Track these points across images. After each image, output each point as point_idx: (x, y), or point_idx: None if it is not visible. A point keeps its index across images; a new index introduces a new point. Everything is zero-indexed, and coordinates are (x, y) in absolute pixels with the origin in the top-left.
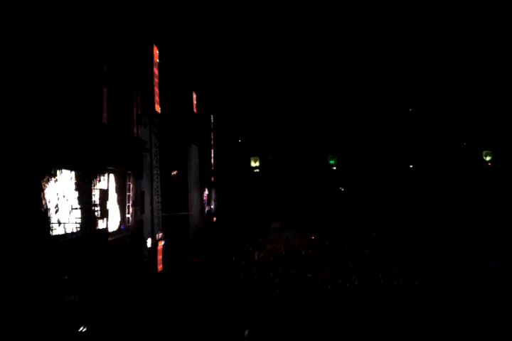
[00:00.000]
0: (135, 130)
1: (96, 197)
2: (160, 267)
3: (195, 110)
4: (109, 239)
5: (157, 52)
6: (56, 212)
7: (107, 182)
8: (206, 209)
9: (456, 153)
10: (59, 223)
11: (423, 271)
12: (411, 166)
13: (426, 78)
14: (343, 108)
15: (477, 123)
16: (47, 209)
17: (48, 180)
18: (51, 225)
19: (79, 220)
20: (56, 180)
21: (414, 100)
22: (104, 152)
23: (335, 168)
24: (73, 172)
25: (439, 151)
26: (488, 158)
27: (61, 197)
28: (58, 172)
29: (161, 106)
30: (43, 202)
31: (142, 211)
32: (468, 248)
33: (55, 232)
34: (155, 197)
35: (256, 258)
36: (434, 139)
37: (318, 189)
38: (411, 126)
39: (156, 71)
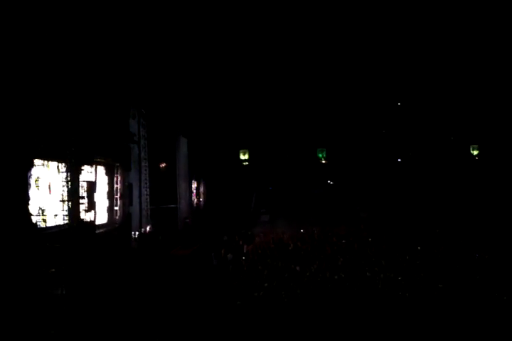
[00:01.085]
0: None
1: (83, 189)
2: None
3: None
4: (97, 231)
5: None
6: (42, 203)
7: (95, 174)
8: (195, 201)
9: (443, 147)
10: (45, 214)
11: (410, 264)
12: (399, 160)
13: (414, 73)
14: (332, 101)
15: (464, 118)
16: (30, 201)
17: (34, 172)
18: (37, 217)
19: (66, 212)
20: (42, 172)
21: (402, 94)
22: (91, 143)
23: (324, 161)
24: (60, 164)
25: (427, 145)
26: (475, 152)
27: (47, 189)
28: (45, 163)
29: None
30: (29, 193)
31: (130, 203)
32: (455, 241)
33: (41, 224)
34: (143, 190)
35: (245, 251)
36: (422, 133)
37: (307, 182)
38: (399, 120)
39: None
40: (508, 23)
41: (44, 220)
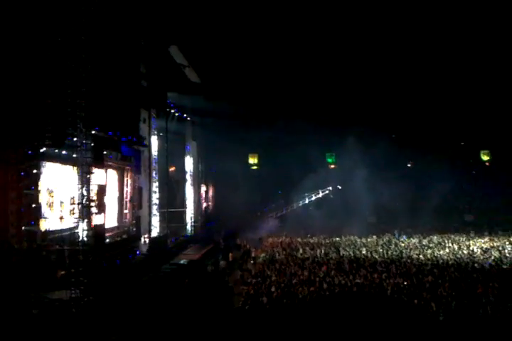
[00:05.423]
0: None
1: (93, 192)
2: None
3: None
4: (107, 234)
5: None
6: (52, 206)
7: (106, 177)
8: (203, 205)
9: (454, 153)
10: (55, 217)
11: (418, 270)
12: (409, 165)
13: (425, 79)
14: (342, 106)
15: (475, 123)
16: (41, 204)
17: (45, 175)
18: (46, 220)
19: (76, 215)
20: (54, 175)
21: (413, 99)
22: (102, 147)
23: (333, 165)
24: (72, 167)
25: (437, 151)
26: (486, 158)
27: (58, 192)
28: (56, 166)
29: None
30: (39, 196)
31: (140, 207)
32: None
33: (51, 227)
34: (152, 193)
35: (253, 255)
36: (433, 139)
37: (315, 186)
38: (410, 126)
39: None
40: None
41: (53, 223)
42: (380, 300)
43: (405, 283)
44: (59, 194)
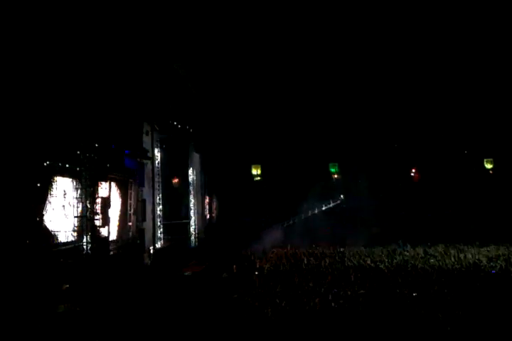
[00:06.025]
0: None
1: (97, 205)
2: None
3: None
4: (111, 247)
5: None
6: (57, 220)
7: (109, 190)
8: (207, 217)
9: (457, 161)
10: (59, 230)
11: (425, 280)
12: (412, 174)
13: (428, 85)
14: (344, 115)
15: (478, 131)
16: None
17: (50, 188)
18: (52, 233)
19: (81, 228)
20: (57, 188)
21: (416, 108)
22: (105, 160)
23: (336, 175)
24: (75, 180)
25: (440, 159)
26: (489, 166)
27: (63, 205)
28: (60, 179)
29: (163, 114)
30: (44, 209)
31: (143, 219)
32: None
33: (55, 240)
34: (156, 205)
35: (257, 266)
36: (436, 147)
37: (319, 196)
38: (412, 134)
39: None
40: None
41: (58, 236)
42: (387, 312)
43: (414, 294)
44: (63, 207)
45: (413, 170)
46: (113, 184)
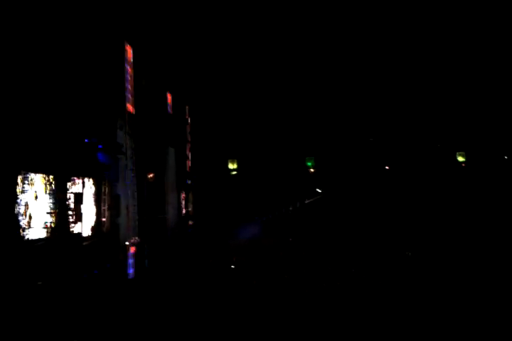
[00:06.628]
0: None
1: (70, 201)
2: (133, 272)
3: (170, 111)
4: (84, 243)
5: (130, 51)
6: (29, 216)
7: (82, 185)
8: (183, 211)
9: (430, 154)
10: (32, 227)
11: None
12: (387, 167)
13: (402, 79)
14: (320, 110)
15: (451, 124)
16: (18, 213)
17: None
18: (23, 229)
19: (53, 225)
20: (29, 184)
21: (389, 102)
22: (78, 154)
23: (312, 170)
24: (47, 176)
25: (413, 152)
26: (461, 159)
27: (34, 201)
28: (32, 175)
29: (135, 107)
30: (15, 206)
31: (118, 214)
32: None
33: (27, 237)
34: (131, 200)
35: (234, 260)
36: (409, 140)
37: (296, 191)
38: (386, 127)
39: (129, 69)
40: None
41: (29, 233)
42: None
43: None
44: (34, 203)
45: (386, 167)
46: (86, 179)
